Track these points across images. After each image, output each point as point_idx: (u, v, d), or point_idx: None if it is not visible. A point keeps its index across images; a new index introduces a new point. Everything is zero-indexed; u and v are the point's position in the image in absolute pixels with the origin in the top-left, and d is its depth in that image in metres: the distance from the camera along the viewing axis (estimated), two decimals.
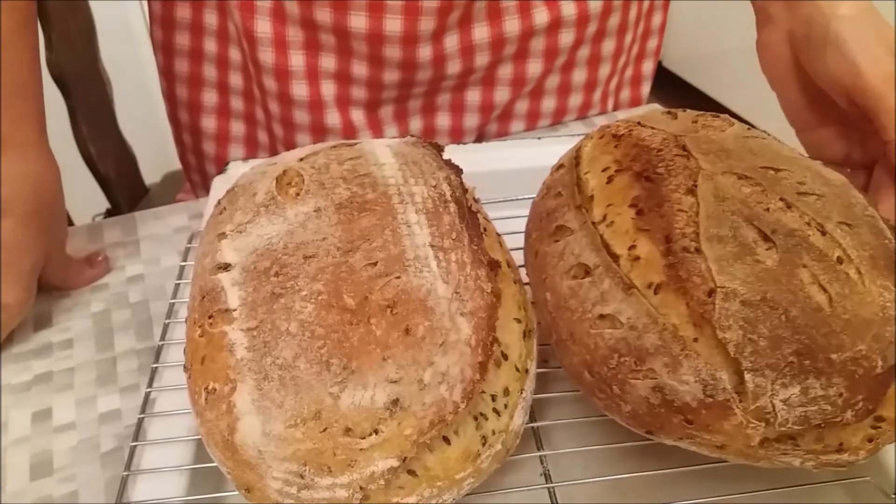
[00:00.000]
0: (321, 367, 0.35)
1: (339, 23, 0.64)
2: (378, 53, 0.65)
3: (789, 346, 0.35)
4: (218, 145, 0.78)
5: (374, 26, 0.63)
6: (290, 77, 0.68)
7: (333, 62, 0.68)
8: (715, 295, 0.36)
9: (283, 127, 0.72)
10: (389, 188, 0.43)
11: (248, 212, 0.43)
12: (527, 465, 0.46)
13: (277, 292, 0.38)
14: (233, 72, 0.72)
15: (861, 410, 0.35)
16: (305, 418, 0.34)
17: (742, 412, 0.35)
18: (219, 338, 0.38)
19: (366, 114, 0.72)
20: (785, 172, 0.42)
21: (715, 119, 0.48)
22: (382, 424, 0.34)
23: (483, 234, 0.43)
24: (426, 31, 0.64)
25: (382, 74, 0.68)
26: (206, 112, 0.76)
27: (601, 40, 0.74)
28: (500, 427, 0.38)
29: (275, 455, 0.35)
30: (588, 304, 0.39)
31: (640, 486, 0.44)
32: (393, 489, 0.35)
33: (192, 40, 0.71)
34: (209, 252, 0.42)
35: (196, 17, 0.70)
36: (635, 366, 0.37)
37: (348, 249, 0.39)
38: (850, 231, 0.39)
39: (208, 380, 0.37)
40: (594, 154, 0.47)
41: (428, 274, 0.38)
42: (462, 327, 0.37)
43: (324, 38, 0.66)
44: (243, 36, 0.67)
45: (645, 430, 0.39)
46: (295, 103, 0.69)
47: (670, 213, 0.39)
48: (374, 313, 0.37)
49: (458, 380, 0.36)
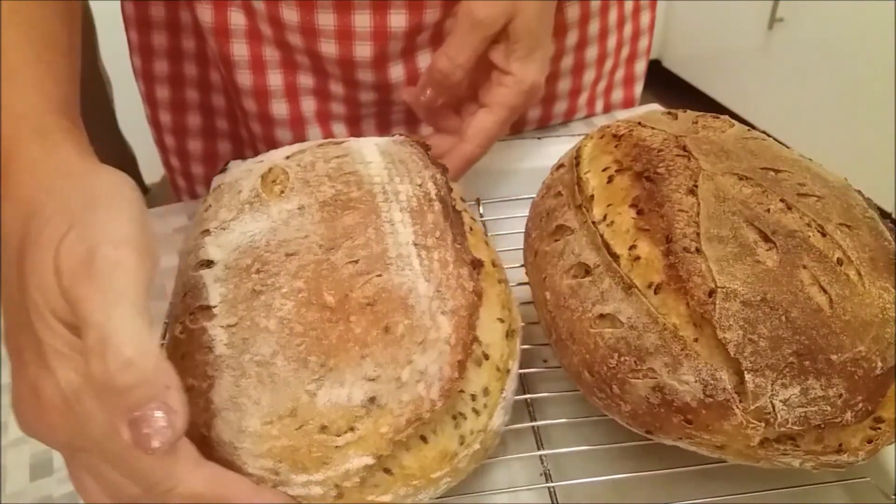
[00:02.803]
0: (299, 365, 0.35)
1: (311, 48, 0.63)
2: (352, 76, 0.65)
3: (789, 346, 0.35)
4: (206, 166, 0.77)
5: (344, 53, 0.63)
6: (270, 97, 0.67)
7: (311, 80, 0.67)
8: (715, 295, 0.36)
9: (266, 145, 0.71)
10: (374, 186, 0.43)
11: (233, 209, 0.43)
12: (527, 464, 0.46)
13: (258, 289, 0.38)
14: (215, 93, 0.72)
15: (861, 411, 0.35)
16: (281, 415, 0.35)
17: (742, 412, 0.35)
18: (199, 334, 0.38)
19: (347, 127, 0.71)
20: (785, 174, 0.42)
21: (715, 120, 0.48)
22: (358, 422, 0.34)
23: (469, 233, 0.43)
24: (395, 52, 0.64)
25: (359, 94, 0.67)
26: (191, 135, 0.75)
27: (584, 48, 0.74)
28: (478, 427, 0.38)
29: (250, 452, 0.35)
30: (588, 303, 0.40)
31: (640, 486, 0.44)
32: (368, 487, 0.35)
33: (171, 66, 0.71)
34: (193, 249, 0.43)
35: (173, 43, 0.70)
36: (635, 365, 0.37)
37: (330, 247, 0.39)
38: (850, 232, 0.39)
39: (187, 376, 0.37)
40: (594, 154, 0.47)
41: (409, 272, 0.38)
42: (442, 325, 0.37)
43: (299, 59, 0.66)
44: (220, 60, 0.66)
45: (645, 430, 0.39)
46: (276, 122, 0.69)
47: (671, 213, 0.39)
48: (353, 311, 0.37)
49: (436, 378, 0.36)
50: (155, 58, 0.71)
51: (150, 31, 0.69)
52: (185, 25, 0.68)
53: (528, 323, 0.51)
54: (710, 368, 0.35)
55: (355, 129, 0.72)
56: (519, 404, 0.47)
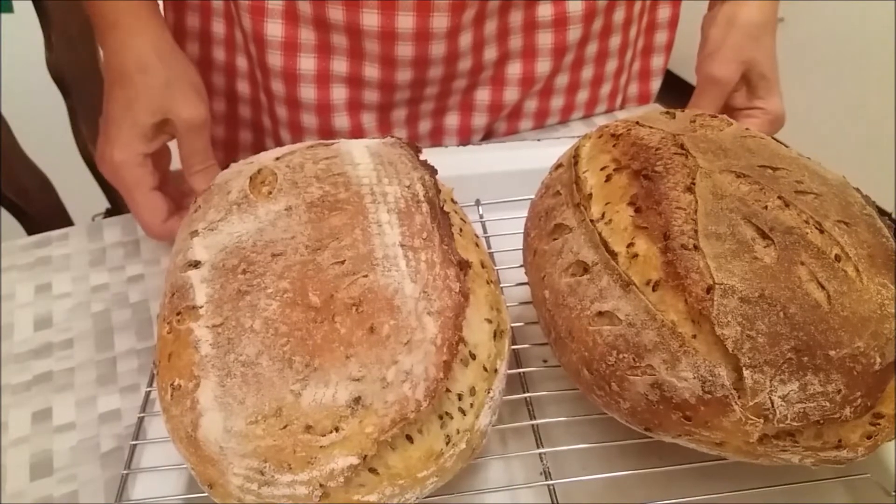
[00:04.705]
0: (283, 365, 0.35)
1: (352, 21, 0.64)
2: (390, 53, 0.66)
3: (788, 342, 0.35)
4: (226, 153, 0.78)
5: (386, 23, 0.64)
6: (299, 80, 0.69)
7: (346, 65, 0.68)
8: (713, 291, 0.36)
9: (290, 131, 0.73)
10: (362, 188, 0.43)
11: (221, 210, 0.43)
12: (527, 462, 0.46)
13: (244, 289, 0.38)
14: (240, 79, 0.73)
15: (860, 407, 0.35)
16: (266, 415, 0.35)
17: (741, 408, 0.35)
18: (185, 334, 0.38)
19: (377, 116, 0.72)
20: (783, 171, 0.42)
21: (713, 119, 0.48)
22: (343, 422, 0.34)
23: (458, 235, 0.43)
24: (440, 29, 0.65)
25: (395, 75, 0.68)
26: (215, 121, 0.76)
27: (608, 36, 0.75)
28: (464, 426, 0.38)
29: (236, 451, 0.35)
30: (587, 301, 0.40)
31: (640, 484, 0.44)
32: (353, 487, 0.35)
33: (201, 49, 0.72)
34: (181, 249, 0.43)
35: (204, 26, 0.71)
36: (634, 362, 0.37)
37: (317, 248, 0.39)
38: (847, 229, 0.39)
39: (174, 376, 0.37)
40: (593, 153, 0.47)
41: (396, 273, 0.38)
42: (428, 326, 0.37)
43: (336, 40, 0.66)
44: (252, 40, 0.67)
45: (644, 427, 0.39)
46: (303, 106, 0.70)
47: (668, 210, 0.39)
48: (339, 311, 0.37)
49: (421, 378, 0.36)
50: (187, 40, 0.72)
51: (185, 11, 0.70)
52: (217, 9, 0.70)
53: (527, 322, 0.51)
54: (708, 365, 0.35)
55: (385, 119, 0.73)
56: (518, 403, 0.47)
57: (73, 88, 0.85)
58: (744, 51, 0.63)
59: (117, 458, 0.49)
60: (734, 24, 0.64)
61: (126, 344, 0.57)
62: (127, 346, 0.57)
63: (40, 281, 0.62)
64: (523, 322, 0.51)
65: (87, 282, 0.62)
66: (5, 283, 0.62)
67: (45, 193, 0.92)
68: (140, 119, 0.55)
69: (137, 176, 0.56)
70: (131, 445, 0.44)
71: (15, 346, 0.57)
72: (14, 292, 0.61)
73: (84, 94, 0.87)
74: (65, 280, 0.62)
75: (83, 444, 0.50)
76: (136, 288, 0.62)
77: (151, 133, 0.56)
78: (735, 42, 0.63)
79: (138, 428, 0.46)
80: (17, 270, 0.63)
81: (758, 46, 0.63)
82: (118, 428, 0.51)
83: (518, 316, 0.52)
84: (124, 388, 0.54)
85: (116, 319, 0.59)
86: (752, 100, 0.64)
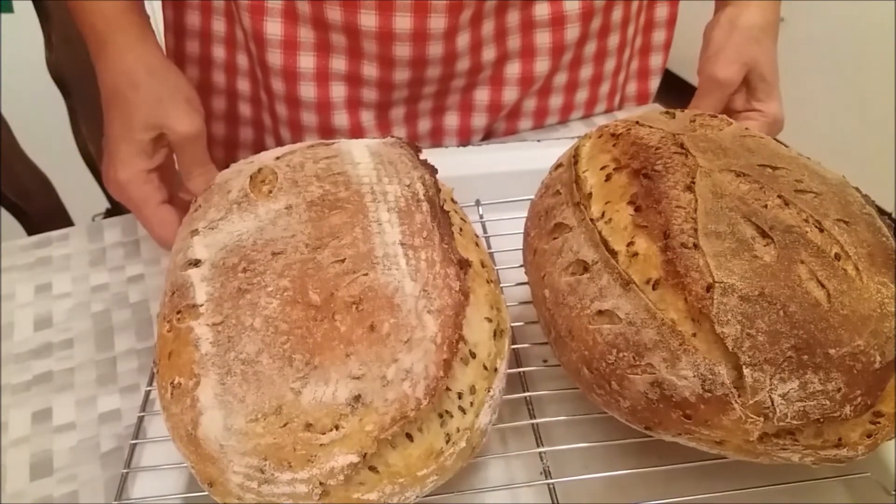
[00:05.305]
0: (284, 363, 0.35)
1: (350, 21, 0.64)
2: (388, 53, 0.66)
3: (787, 341, 0.35)
4: (226, 151, 0.78)
5: (383, 24, 0.64)
6: (298, 78, 0.69)
7: (344, 64, 0.68)
8: (713, 290, 0.36)
9: (290, 130, 0.73)
10: (363, 186, 0.43)
11: (221, 209, 0.43)
12: (527, 461, 0.46)
13: (244, 288, 0.38)
14: (240, 77, 0.73)
15: (860, 405, 0.35)
16: (266, 413, 0.35)
17: (741, 407, 0.35)
18: (185, 333, 0.38)
19: (376, 114, 0.73)
20: (782, 170, 0.42)
21: (713, 118, 0.48)
22: (343, 420, 0.34)
23: (459, 234, 0.43)
24: (437, 30, 0.65)
25: (393, 74, 0.68)
26: (216, 118, 0.77)
27: (606, 35, 0.75)
28: (465, 425, 0.38)
29: (236, 449, 0.35)
30: (586, 300, 0.40)
31: (640, 483, 0.44)
32: (353, 485, 0.35)
33: (201, 47, 0.73)
34: (182, 248, 0.43)
35: (205, 24, 0.71)
36: (634, 361, 0.37)
37: (317, 246, 0.39)
38: (847, 228, 0.39)
39: (174, 374, 0.37)
40: (593, 152, 0.47)
41: (396, 271, 0.38)
42: (428, 325, 0.37)
43: (335, 39, 0.67)
44: (252, 39, 0.68)
45: (644, 426, 0.39)
46: (303, 105, 0.70)
47: (668, 209, 0.39)
48: (339, 310, 0.37)
49: (421, 377, 0.36)
50: (187, 38, 0.72)
51: (185, 10, 0.71)
52: (217, 7, 0.70)
53: (527, 322, 0.51)
54: (708, 363, 0.35)
55: (384, 117, 0.73)
56: (519, 402, 0.47)
57: (73, 88, 0.85)
58: (745, 52, 0.63)
59: (117, 457, 0.49)
60: (736, 27, 0.64)
61: (126, 344, 0.57)
62: (127, 346, 0.57)
63: (40, 281, 0.62)
64: (523, 321, 0.51)
65: (87, 282, 0.62)
66: (5, 283, 0.62)
67: (45, 193, 0.93)
68: (137, 136, 0.55)
69: (144, 193, 0.55)
70: (131, 444, 0.44)
71: (15, 346, 0.57)
72: (14, 292, 0.61)
73: (84, 94, 0.87)
74: (65, 280, 0.62)
75: (83, 444, 0.50)
76: (136, 288, 0.62)
77: (151, 149, 0.56)
78: (737, 43, 0.63)
79: (138, 427, 0.46)
80: (17, 270, 0.63)
81: (759, 48, 0.63)
82: (118, 428, 0.51)
83: (518, 315, 0.52)
84: (124, 387, 0.54)
85: (116, 319, 0.59)
86: (751, 102, 0.64)
